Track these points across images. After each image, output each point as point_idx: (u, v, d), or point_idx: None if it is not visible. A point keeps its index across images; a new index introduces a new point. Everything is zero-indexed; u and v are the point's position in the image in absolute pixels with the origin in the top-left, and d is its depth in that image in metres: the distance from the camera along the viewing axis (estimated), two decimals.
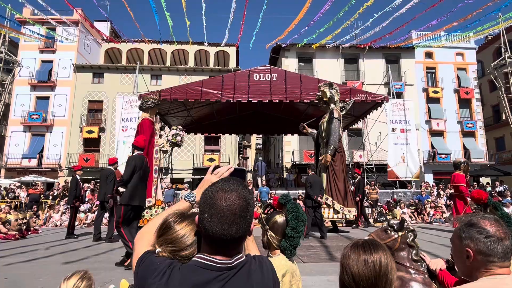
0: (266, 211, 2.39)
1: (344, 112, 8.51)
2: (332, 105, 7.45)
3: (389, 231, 2.40)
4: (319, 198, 7.25)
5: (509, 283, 1.17)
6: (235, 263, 0.98)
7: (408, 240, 2.30)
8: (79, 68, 25.33)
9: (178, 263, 1.01)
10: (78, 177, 8.33)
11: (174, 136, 7.26)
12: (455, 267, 2.23)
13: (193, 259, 1.00)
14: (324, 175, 7.32)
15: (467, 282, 1.73)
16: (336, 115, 7.28)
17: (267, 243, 2.14)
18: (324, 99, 7.44)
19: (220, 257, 0.97)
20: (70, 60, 25.42)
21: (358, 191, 10.15)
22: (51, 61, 25.54)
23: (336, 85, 8.02)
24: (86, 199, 11.74)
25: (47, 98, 25.03)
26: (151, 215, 6.70)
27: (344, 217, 7.92)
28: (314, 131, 8.86)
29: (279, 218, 2.11)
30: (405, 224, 2.42)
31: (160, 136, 7.40)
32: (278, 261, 1.97)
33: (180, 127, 7.60)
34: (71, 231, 8.01)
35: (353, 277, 1.14)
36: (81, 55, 26.16)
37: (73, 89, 25.15)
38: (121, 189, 4.65)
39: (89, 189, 13.05)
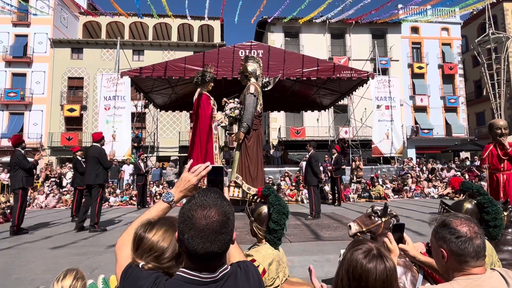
0: (253, 200, 2.41)
1: (269, 88, 8.00)
2: (252, 79, 6.96)
3: (373, 217, 2.48)
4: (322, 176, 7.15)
5: (482, 283, 1.16)
6: (220, 275, 0.98)
7: (391, 225, 2.38)
8: (56, 43, 24.17)
9: (164, 277, 1.00)
10: (80, 158, 8.16)
11: (232, 110, 6.69)
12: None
13: (177, 273, 0.99)
14: (237, 153, 6.90)
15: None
16: (252, 90, 6.75)
17: (254, 233, 2.17)
18: (245, 73, 7.05)
19: (204, 273, 0.96)
20: (46, 35, 24.16)
21: (336, 167, 10.16)
22: (26, 36, 24.24)
23: (259, 58, 7.64)
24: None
25: (24, 75, 23.97)
26: None
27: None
28: None
29: (264, 210, 2.13)
30: (388, 210, 2.49)
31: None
32: (265, 250, 2.01)
33: (237, 100, 6.93)
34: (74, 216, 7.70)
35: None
36: (57, 28, 24.87)
37: (51, 65, 24.10)
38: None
39: (71, 170, 12.82)
